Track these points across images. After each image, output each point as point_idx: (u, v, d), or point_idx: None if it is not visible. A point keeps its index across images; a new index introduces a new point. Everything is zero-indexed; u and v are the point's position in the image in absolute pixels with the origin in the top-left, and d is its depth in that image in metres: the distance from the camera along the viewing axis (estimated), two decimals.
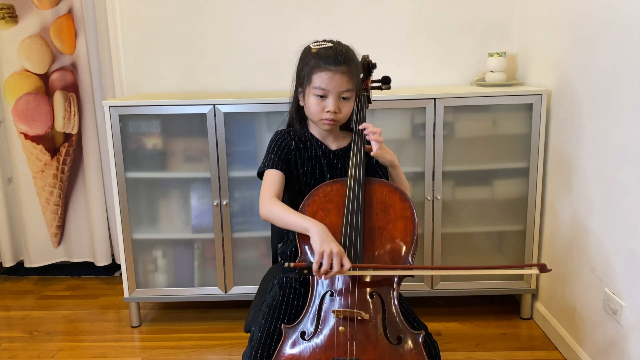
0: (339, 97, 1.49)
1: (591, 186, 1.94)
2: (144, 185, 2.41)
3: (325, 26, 2.63)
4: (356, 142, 1.52)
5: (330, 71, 1.46)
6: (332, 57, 1.46)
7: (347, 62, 1.47)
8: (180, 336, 2.41)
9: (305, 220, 1.39)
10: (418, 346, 1.29)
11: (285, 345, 1.33)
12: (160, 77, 2.75)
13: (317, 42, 1.52)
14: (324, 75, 1.46)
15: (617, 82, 1.76)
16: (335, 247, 1.30)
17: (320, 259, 1.29)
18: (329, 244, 1.30)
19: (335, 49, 1.48)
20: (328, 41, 1.52)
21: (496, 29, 2.63)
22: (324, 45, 1.49)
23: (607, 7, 1.80)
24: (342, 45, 1.52)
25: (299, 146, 1.60)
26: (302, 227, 1.38)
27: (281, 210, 1.45)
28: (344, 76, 1.47)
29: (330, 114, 1.50)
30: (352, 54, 1.52)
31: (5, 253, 3.00)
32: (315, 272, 1.30)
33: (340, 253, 1.30)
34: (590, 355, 1.97)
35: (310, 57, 1.50)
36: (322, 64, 1.47)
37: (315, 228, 1.35)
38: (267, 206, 1.48)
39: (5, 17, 2.70)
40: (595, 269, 1.92)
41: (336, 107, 1.49)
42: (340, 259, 1.29)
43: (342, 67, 1.46)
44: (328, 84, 1.47)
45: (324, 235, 1.33)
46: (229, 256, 2.39)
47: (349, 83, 1.49)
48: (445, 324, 2.43)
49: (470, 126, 2.32)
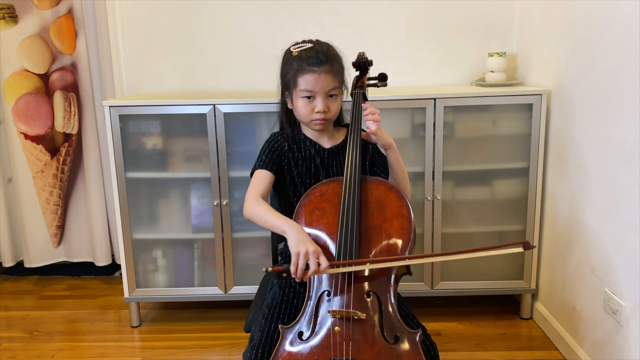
0: (326, 96, 1.51)
1: (591, 186, 1.94)
2: (144, 185, 2.42)
3: (325, 26, 2.63)
4: (352, 141, 1.52)
5: (315, 72, 1.47)
6: (313, 58, 1.47)
7: (329, 61, 1.48)
8: (180, 336, 2.41)
9: (282, 221, 1.39)
10: (415, 345, 1.29)
11: (283, 346, 1.32)
12: (160, 77, 2.75)
13: (296, 44, 1.53)
14: (309, 77, 1.48)
15: (617, 82, 1.75)
16: (311, 247, 1.30)
17: (297, 260, 1.29)
18: (304, 244, 1.30)
19: (316, 49, 1.49)
20: (307, 42, 1.53)
21: (496, 29, 2.63)
22: (304, 47, 1.50)
23: (607, 7, 1.80)
24: (321, 44, 1.53)
25: (292, 147, 1.60)
26: (280, 229, 1.39)
27: (263, 211, 1.45)
28: (329, 75, 1.48)
29: (320, 113, 1.51)
30: (332, 50, 1.53)
31: (5, 253, 3.00)
32: (293, 274, 1.30)
33: (316, 252, 1.30)
34: (590, 355, 1.96)
35: (292, 61, 1.51)
36: (305, 66, 1.48)
37: (291, 229, 1.35)
38: (250, 206, 1.48)
39: (5, 17, 2.70)
40: (595, 269, 1.92)
41: (325, 106, 1.51)
42: (316, 257, 1.29)
43: (325, 67, 1.48)
44: (314, 85, 1.48)
45: (300, 236, 1.33)
46: (229, 256, 2.39)
47: (335, 81, 1.50)
48: (445, 324, 2.43)
49: (470, 126, 2.32)
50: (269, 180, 1.54)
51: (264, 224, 1.45)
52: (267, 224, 1.44)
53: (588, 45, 1.93)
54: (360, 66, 1.66)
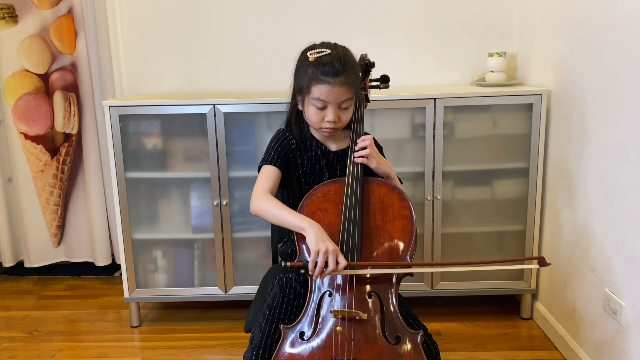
0: (338, 107, 1.47)
1: (591, 186, 1.94)
2: (144, 185, 2.42)
3: (325, 26, 2.63)
4: (354, 143, 1.52)
5: (330, 84, 1.43)
6: (330, 67, 1.42)
7: (345, 71, 1.44)
8: (180, 336, 2.41)
9: (300, 219, 1.38)
10: (416, 346, 1.29)
11: (284, 346, 1.33)
12: (160, 77, 2.75)
13: (314, 48, 1.48)
14: (323, 88, 1.44)
15: (617, 82, 1.75)
16: (330, 246, 1.30)
17: (316, 257, 1.29)
18: (324, 242, 1.31)
19: (333, 56, 1.44)
20: (325, 45, 1.49)
21: (496, 29, 2.63)
22: (321, 53, 1.45)
23: (607, 7, 1.80)
24: (339, 50, 1.48)
25: (299, 146, 1.59)
26: (298, 226, 1.38)
27: (275, 207, 1.43)
28: (343, 87, 1.44)
29: (330, 123, 1.48)
30: (349, 58, 1.48)
31: (5, 253, 3.00)
32: (311, 271, 1.30)
33: (335, 251, 1.30)
34: (590, 355, 1.97)
35: (307, 67, 1.46)
36: (321, 77, 1.43)
37: (311, 227, 1.35)
38: (259, 201, 1.46)
39: (5, 17, 2.70)
40: (595, 269, 1.92)
41: (336, 117, 1.48)
42: (335, 256, 1.29)
43: (340, 78, 1.43)
44: (328, 97, 1.45)
45: (319, 234, 1.33)
46: (229, 256, 2.39)
47: (349, 92, 1.46)
48: (445, 324, 2.43)
49: (470, 126, 2.32)
50: (277, 176, 1.53)
51: (276, 220, 1.43)
52: (280, 220, 1.42)
53: (588, 45, 1.94)
54: (363, 68, 1.65)
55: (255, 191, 1.49)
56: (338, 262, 1.30)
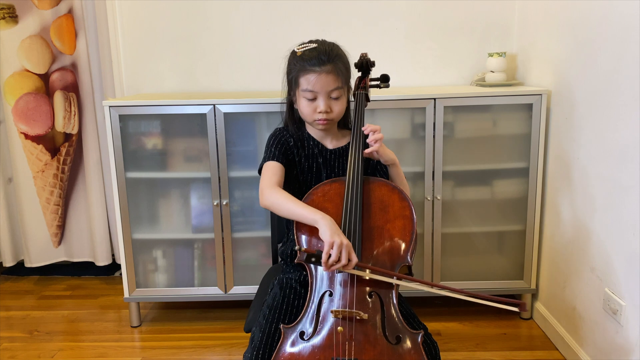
0: (328, 96, 1.50)
1: (591, 186, 1.94)
2: (144, 185, 2.42)
3: (325, 26, 2.63)
4: (355, 142, 1.52)
5: (316, 72, 1.47)
6: (315, 58, 1.47)
7: (331, 61, 1.48)
8: (180, 336, 2.41)
9: (313, 211, 1.38)
10: (417, 346, 1.29)
11: (285, 346, 1.33)
12: (160, 77, 2.75)
13: (301, 44, 1.53)
14: (310, 77, 1.48)
15: (617, 82, 1.75)
16: (345, 240, 1.30)
17: (330, 249, 1.29)
18: (339, 235, 1.31)
19: (319, 49, 1.49)
20: (313, 42, 1.53)
21: (496, 29, 2.63)
22: (307, 47, 1.50)
23: (607, 7, 1.80)
24: (326, 44, 1.53)
25: (297, 144, 1.61)
26: (311, 218, 1.37)
27: (286, 199, 1.44)
28: (330, 75, 1.48)
29: (323, 114, 1.51)
30: (337, 50, 1.53)
31: (6, 253, 3.00)
32: (324, 262, 1.29)
33: (349, 246, 1.30)
34: (590, 355, 1.97)
35: (295, 61, 1.51)
36: (307, 66, 1.48)
37: (324, 220, 1.35)
38: (269, 194, 1.47)
39: (5, 17, 2.70)
40: (595, 269, 1.92)
41: (327, 106, 1.50)
42: (348, 252, 1.29)
43: (327, 67, 1.47)
44: (315, 85, 1.48)
45: (333, 227, 1.33)
46: (229, 256, 2.39)
47: (337, 81, 1.49)
48: (445, 324, 2.43)
49: (470, 126, 2.32)
50: (281, 171, 1.54)
51: (287, 212, 1.44)
52: (291, 212, 1.42)
53: (588, 45, 1.94)
54: (363, 67, 1.66)
55: (264, 185, 1.50)
56: (350, 259, 1.30)
